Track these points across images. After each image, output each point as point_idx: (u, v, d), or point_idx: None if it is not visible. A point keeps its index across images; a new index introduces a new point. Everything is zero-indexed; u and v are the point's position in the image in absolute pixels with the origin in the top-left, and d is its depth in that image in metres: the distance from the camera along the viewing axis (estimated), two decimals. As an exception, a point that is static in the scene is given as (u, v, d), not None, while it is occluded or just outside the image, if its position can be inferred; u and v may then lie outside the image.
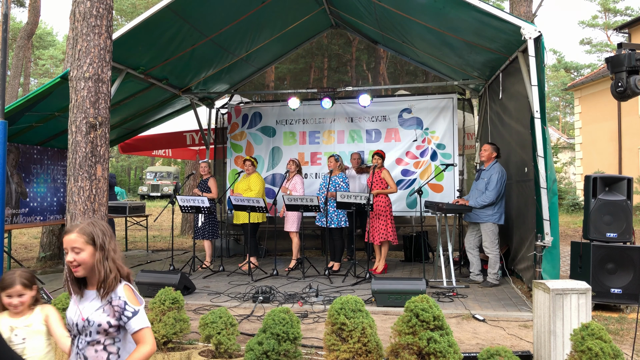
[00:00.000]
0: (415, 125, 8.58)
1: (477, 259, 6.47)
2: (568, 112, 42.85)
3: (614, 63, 3.42)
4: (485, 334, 4.39)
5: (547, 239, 4.97)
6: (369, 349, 3.14)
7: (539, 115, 4.96)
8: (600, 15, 36.66)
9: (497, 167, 6.30)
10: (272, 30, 7.97)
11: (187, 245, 10.88)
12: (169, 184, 27.89)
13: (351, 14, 8.17)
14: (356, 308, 3.24)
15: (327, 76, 10.50)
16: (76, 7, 4.81)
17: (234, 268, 7.54)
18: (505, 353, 3.02)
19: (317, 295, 5.61)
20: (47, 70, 38.14)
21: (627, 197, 5.27)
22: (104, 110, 4.84)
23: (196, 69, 7.95)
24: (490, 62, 6.93)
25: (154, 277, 5.71)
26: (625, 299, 5.12)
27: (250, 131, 9.30)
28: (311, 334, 4.36)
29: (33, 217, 7.39)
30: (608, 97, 14.39)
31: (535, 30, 4.93)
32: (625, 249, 5.16)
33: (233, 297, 5.72)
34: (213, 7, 6.38)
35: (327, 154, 8.51)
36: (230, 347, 3.57)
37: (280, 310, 3.43)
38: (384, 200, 7.03)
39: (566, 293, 3.37)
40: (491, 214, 6.16)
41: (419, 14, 6.32)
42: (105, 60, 4.83)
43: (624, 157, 18.28)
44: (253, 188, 7.54)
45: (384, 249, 7.13)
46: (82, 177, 4.71)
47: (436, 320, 3.03)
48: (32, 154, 7.37)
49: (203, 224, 7.66)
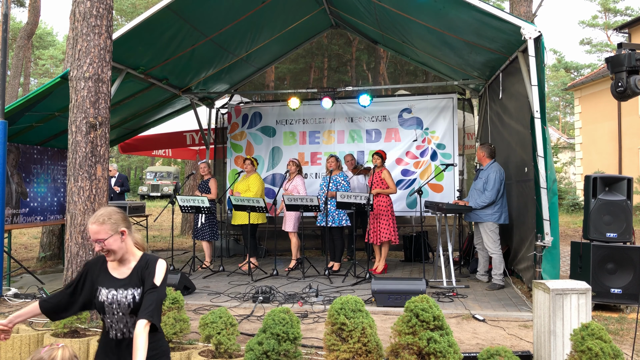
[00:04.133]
0: (415, 125, 8.58)
1: (485, 259, 6.48)
2: (568, 112, 42.84)
3: (614, 63, 3.42)
4: (485, 334, 4.39)
5: (547, 239, 4.97)
6: (369, 349, 3.14)
7: (539, 115, 4.96)
8: (600, 15, 36.66)
9: (494, 166, 6.30)
10: (272, 30, 7.97)
11: (187, 245, 10.88)
12: (169, 184, 27.87)
13: (351, 14, 8.17)
14: (356, 308, 3.24)
15: (327, 76, 10.52)
16: (76, 7, 4.81)
17: (234, 268, 7.54)
18: (505, 353, 3.02)
19: (317, 295, 5.61)
20: (47, 70, 38.12)
21: (627, 197, 5.27)
22: (104, 110, 4.84)
23: (196, 69, 7.95)
24: (490, 62, 6.93)
25: (154, 277, 5.70)
26: (625, 299, 5.12)
27: (250, 131, 9.30)
28: (311, 334, 4.36)
29: (33, 217, 7.39)
30: (608, 97, 14.40)
31: (535, 30, 4.93)
32: (625, 249, 5.16)
33: (233, 297, 5.72)
34: (213, 7, 6.38)
35: (327, 154, 8.51)
36: (230, 347, 3.57)
37: (280, 310, 3.43)
38: (384, 201, 7.03)
39: (566, 293, 3.37)
40: (491, 214, 6.16)
41: (419, 14, 6.32)
42: (105, 60, 4.83)
43: (624, 157, 18.28)
44: (252, 188, 7.54)
45: (384, 249, 7.13)
46: (82, 177, 4.71)
47: (436, 320, 3.03)
48: (32, 154, 7.37)
49: (203, 224, 7.66)
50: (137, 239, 2.47)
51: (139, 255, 2.42)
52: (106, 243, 2.31)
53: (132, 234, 2.43)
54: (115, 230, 2.33)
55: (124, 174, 11.48)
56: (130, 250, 2.41)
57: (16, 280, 6.99)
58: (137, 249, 2.45)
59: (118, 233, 2.34)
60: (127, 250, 2.40)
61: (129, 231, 2.39)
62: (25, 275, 7.27)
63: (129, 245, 2.40)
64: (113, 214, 2.37)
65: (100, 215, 2.34)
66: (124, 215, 2.42)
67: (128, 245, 2.40)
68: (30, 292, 6.03)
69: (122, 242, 2.36)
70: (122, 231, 2.36)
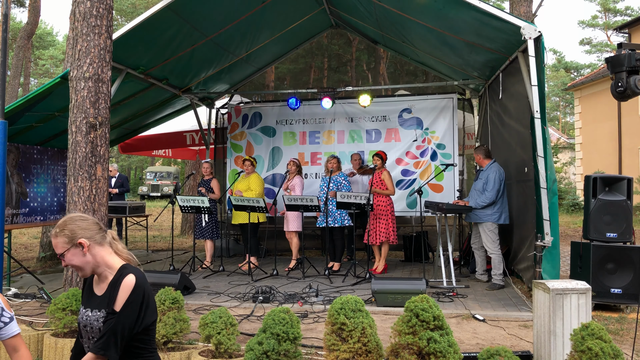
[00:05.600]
0: (415, 125, 8.58)
1: (482, 259, 6.48)
2: (568, 112, 42.84)
3: (614, 63, 3.42)
4: (485, 334, 4.39)
5: (547, 239, 4.97)
6: (369, 349, 3.14)
7: (539, 115, 4.96)
8: (600, 15, 36.67)
9: (494, 166, 6.30)
10: (272, 30, 7.97)
11: (187, 245, 10.88)
12: (169, 184, 27.87)
13: (351, 14, 8.17)
14: (356, 308, 3.24)
15: (327, 76, 10.51)
16: (76, 7, 4.81)
17: (234, 268, 7.55)
18: (505, 353, 3.02)
19: (317, 295, 5.61)
20: (47, 70, 38.13)
21: (627, 197, 5.27)
22: (104, 110, 4.84)
23: (196, 69, 7.95)
24: (490, 62, 6.93)
25: (154, 277, 5.71)
26: (625, 299, 5.12)
27: (250, 131, 9.30)
28: (311, 334, 4.36)
29: (33, 217, 7.39)
30: (608, 97, 14.38)
31: (535, 30, 4.93)
32: (625, 249, 5.16)
33: (233, 297, 5.72)
34: (213, 7, 6.38)
35: (327, 154, 8.51)
36: (230, 347, 3.57)
37: (280, 310, 3.43)
38: (384, 201, 7.03)
39: (566, 293, 3.37)
40: (491, 214, 6.16)
41: (419, 14, 6.32)
42: (105, 60, 4.83)
43: (624, 157, 18.28)
44: (252, 188, 7.54)
45: (384, 249, 7.13)
46: (82, 177, 4.71)
47: (436, 320, 3.03)
48: (32, 154, 7.37)
49: (207, 223, 7.67)
50: (118, 248, 2.09)
51: (117, 268, 2.02)
52: (65, 258, 1.97)
53: (102, 243, 2.03)
54: (72, 242, 1.96)
55: (124, 174, 11.48)
56: (104, 263, 2.01)
57: (16, 280, 7.00)
58: (117, 259, 2.05)
59: (76, 246, 1.96)
60: (99, 264, 2.01)
61: (92, 241, 1.99)
62: (25, 275, 7.27)
63: (101, 258, 2.01)
64: (68, 224, 1.99)
65: (56, 226, 2.00)
66: (87, 223, 2.02)
67: (98, 258, 2.00)
68: (31, 292, 6.03)
69: (86, 256, 1.98)
70: (80, 243, 1.96)
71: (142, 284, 1.97)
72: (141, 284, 1.96)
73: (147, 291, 1.98)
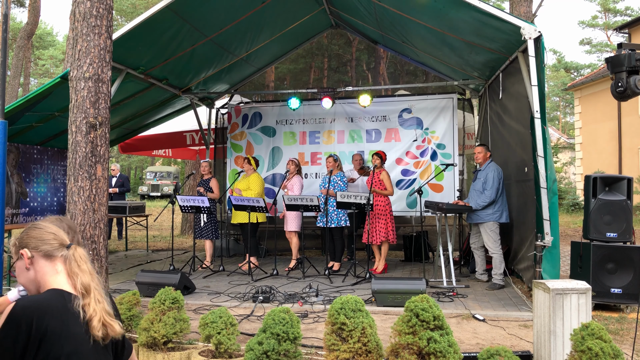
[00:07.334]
0: (415, 125, 8.58)
1: (482, 259, 6.48)
2: (568, 112, 42.84)
3: (614, 63, 3.42)
4: (485, 334, 4.39)
5: (547, 238, 4.97)
6: (369, 348, 3.14)
7: (539, 115, 4.96)
8: (600, 16, 36.67)
9: (492, 166, 6.30)
10: (272, 30, 7.98)
11: (187, 245, 10.88)
12: (169, 184, 27.87)
13: (351, 14, 8.17)
14: (356, 308, 3.24)
15: (327, 76, 10.51)
16: (76, 7, 4.80)
17: (234, 268, 7.54)
18: (505, 353, 3.02)
19: (317, 295, 5.61)
20: (47, 70, 38.14)
21: (627, 197, 5.27)
22: (104, 110, 4.84)
23: (196, 69, 7.95)
24: (490, 62, 6.93)
25: (154, 277, 5.71)
26: (625, 299, 5.12)
27: (250, 131, 9.30)
28: (311, 334, 4.36)
29: (33, 217, 7.39)
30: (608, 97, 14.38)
31: (535, 30, 4.93)
32: (625, 249, 5.16)
33: (233, 297, 5.72)
34: (213, 7, 6.38)
35: (327, 154, 8.51)
36: (230, 347, 3.57)
37: (280, 310, 3.43)
38: (383, 201, 7.03)
39: (566, 293, 3.37)
40: (491, 213, 6.16)
41: (419, 14, 6.32)
42: (105, 60, 4.83)
43: (624, 157, 18.28)
44: (253, 188, 7.54)
45: (383, 248, 7.13)
46: (82, 177, 4.71)
47: (436, 320, 3.03)
48: (32, 154, 7.37)
49: (205, 223, 7.67)
50: (72, 269, 1.58)
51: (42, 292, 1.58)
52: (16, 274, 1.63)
53: (51, 257, 1.59)
54: (17, 253, 1.61)
55: (125, 174, 11.48)
56: (43, 283, 1.57)
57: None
58: (57, 281, 1.57)
59: (20, 258, 1.61)
60: (41, 284, 1.57)
61: (37, 253, 1.58)
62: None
63: (42, 276, 1.57)
64: (24, 231, 1.65)
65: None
66: (41, 231, 1.62)
67: (39, 276, 1.58)
68: (30, 292, 6.03)
69: (29, 271, 1.59)
70: (21, 253, 1.59)
71: (25, 314, 1.41)
72: (21, 315, 1.40)
73: (37, 325, 1.40)
